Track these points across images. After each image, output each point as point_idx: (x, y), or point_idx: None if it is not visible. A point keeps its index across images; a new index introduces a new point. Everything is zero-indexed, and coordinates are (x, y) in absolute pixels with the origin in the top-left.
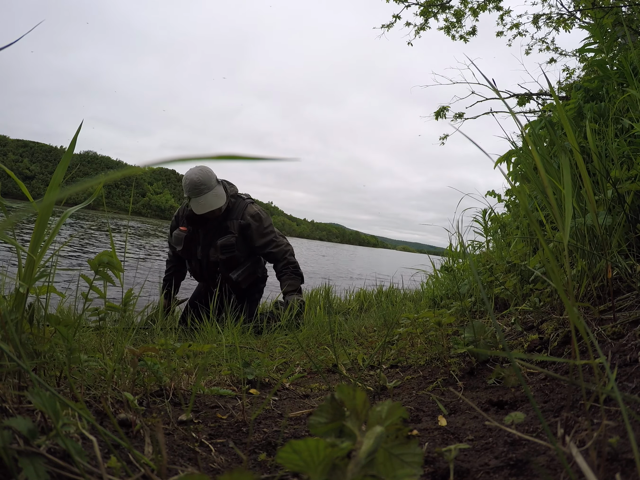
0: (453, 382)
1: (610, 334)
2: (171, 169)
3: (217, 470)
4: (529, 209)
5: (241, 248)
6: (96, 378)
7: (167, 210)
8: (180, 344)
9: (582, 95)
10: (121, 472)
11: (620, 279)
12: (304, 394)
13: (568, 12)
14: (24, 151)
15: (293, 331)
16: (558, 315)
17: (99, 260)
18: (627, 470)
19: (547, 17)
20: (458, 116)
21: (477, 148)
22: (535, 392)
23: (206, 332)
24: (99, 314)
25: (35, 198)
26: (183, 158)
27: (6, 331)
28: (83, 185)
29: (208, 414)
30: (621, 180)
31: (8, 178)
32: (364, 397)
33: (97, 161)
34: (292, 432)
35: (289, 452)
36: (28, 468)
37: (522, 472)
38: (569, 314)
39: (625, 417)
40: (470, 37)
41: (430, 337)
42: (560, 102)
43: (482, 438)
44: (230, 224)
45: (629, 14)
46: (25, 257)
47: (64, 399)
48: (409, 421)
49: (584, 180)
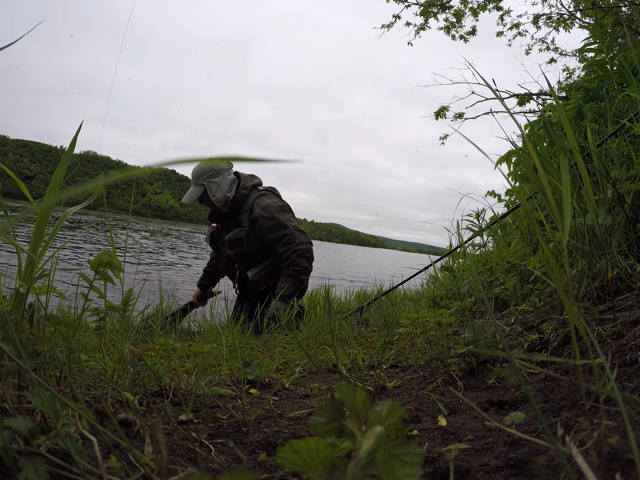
0: (453, 382)
1: (610, 334)
2: (171, 169)
3: (217, 470)
4: (528, 209)
5: (254, 243)
6: (96, 378)
7: (167, 210)
8: (180, 344)
9: (582, 95)
10: (121, 472)
11: (620, 279)
12: (304, 394)
13: (568, 12)
14: (24, 151)
15: (293, 331)
16: (558, 315)
17: (99, 260)
18: (627, 470)
19: (547, 17)
20: (458, 116)
21: (477, 149)
22: (535, 392)
23: (206, 332)
24: (99, 314)
25: (35, 198)
26: (184, 160)
27: (6, 331)
28: (84, 186)
29: (208, 414)
30: (621, 180)
31: (8, 178)
32: (364, 397)
33: (97, 161)
34: (292, 432)
35: (289, 452)
36: (28, 468)
37: (522, 472)
38: (569, 314)
39: (625, 417)
40: (470, 37)
41: (430, 337)
42: (560, 102)
43: (482, 438)
44: (242, 217)
45: (629, 14)
46: (25, 257)
47: (64, 399)
48: (409, 421)
49: (583, 180)
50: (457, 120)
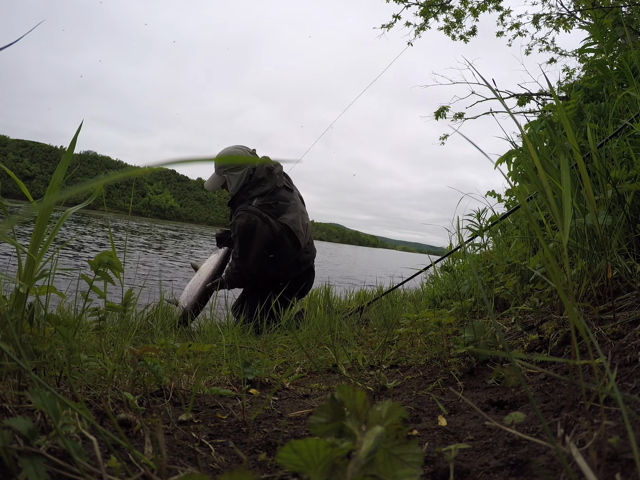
0: (453, 382)
1: (610, 334)
2: (171, 169)
3: (217, 470)
4: (528, 209)
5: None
6: (96, 378)
7: (167, 210)
8: (180, 344)
9: (582, 96)
10: (121, 472)
11: (620, 279)
12: (304, 394)
13: (568, 12)
14: (24, 151)
15: (293, 331)
16: (558, 315)
17: (99, 260)
18: (627, 470)
19: (547, 17)
20: (458, 116)
21: (477, 149)
22: (535, 392)
23: (206, 332)
24: (99, 314)
25: (35, 198)
26: (184, 160)
27: (6, 331)
28: (84, 186)
29: (208, 414)
30: (621, 180)
31: (8, 178)
32: (364, 397)
33: (97, 161)
34: (292, 432)
35: (289, 452)
36: (28, 468)
37: (522, 472)
38: (569, 314)
39: (625, 417)
40: (470, 37)
41: (430, 337)
42: (560, 102)
43: (482, 438)
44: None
45: (629, 14)
46: (25, 257)
47: (64, 399)
48: (409, 421)
49: (584, 180)
50: (457, 120)
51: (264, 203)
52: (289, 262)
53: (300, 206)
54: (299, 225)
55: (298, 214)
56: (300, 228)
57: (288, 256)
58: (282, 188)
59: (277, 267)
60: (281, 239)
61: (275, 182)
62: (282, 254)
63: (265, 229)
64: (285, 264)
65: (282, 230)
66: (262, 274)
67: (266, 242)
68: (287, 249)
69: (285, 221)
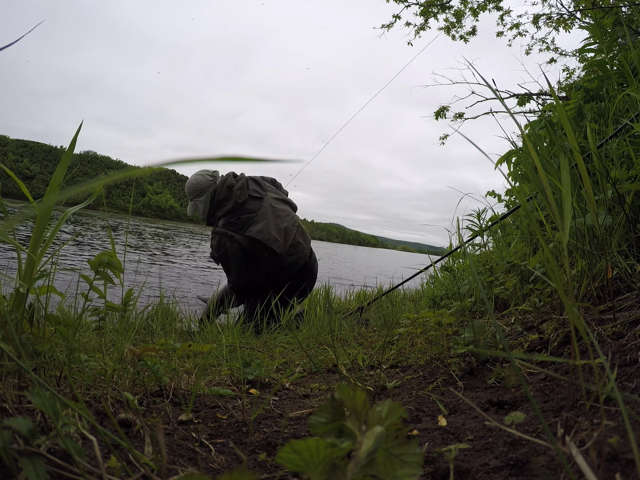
0: (453, 382)
1: (610, 334)
2: (171, 169)
3: (217, 470)
4: (528, 209)
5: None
6: (96, 378)
7: (167, 210)
8: (180, 344)
9: (582, 96)
10: (121, 472)
11: (620, 279)
12: (304, 394)
13: (568, 12)
14: (24, 151)
15: (293, 331)
16: (558, 315)
17: (99, 260)
18: (627, 470)
19: (547, 17)
20: (458, 116)
21: (477, 149)
22: (535, 392)
23: (206, 332)
24: (99, 314)
25: (35, 198)
26: (184, 160)
27: (6, 331)
28: (84, 186)
29: (208, 414)
30: (621, 180)
31: (8, 178)
32: (364, 397)
33: (97, 161)
34: (292, 432)
35: (289, 452)
36: (28, 468)
37: (522, 472)
38: (569, 314)
39: (625, 417)
40: (470, 37)
41: (430, 337)
42: (560, 102)
43: (482, 438)
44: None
45: (629, 14)
46: (25, 257)
47: (64, 399)
48: (409, 421)
49: (584, 180)
50: (457, 120)
51: (227, 222)
52: (272, 269)
53: (273, 212)
54: (270, 232)
55: (268, 222)
56: (273, 235)
57: (269, 264)
58: (248, 200)
59: (262, 275)
60: (252, 250)
61: (236, 198)
62: (261, 263)
63: (234, 246)
64: (269, 271)
65: (250, 242)
66: (251, 285)
67: (239, 257)
68: (263, 258)
69: (251, 233)
